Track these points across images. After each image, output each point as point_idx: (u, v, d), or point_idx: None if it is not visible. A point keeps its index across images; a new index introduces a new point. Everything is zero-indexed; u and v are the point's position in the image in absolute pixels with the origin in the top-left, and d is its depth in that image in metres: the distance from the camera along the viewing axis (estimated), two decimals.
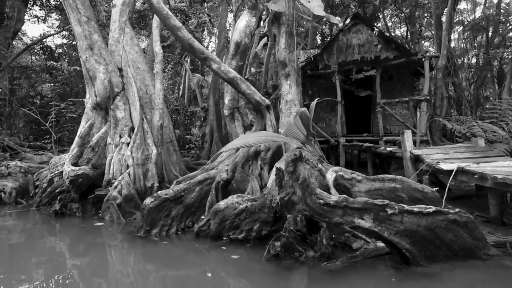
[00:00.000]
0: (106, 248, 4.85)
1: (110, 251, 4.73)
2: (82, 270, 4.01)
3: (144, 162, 6.88)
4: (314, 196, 3.37)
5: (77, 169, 6.35)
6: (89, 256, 4.52)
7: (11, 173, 8.07)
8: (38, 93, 20.48)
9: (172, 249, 4.66)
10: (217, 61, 5.55)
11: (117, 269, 4.12)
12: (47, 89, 21.51)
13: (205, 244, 4.67)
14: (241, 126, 6.43)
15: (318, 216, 3.40)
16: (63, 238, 5.42)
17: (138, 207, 6.14)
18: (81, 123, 7.18)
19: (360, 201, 3.35)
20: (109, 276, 3.91)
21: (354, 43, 13.19)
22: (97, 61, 6.90)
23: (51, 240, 5.34)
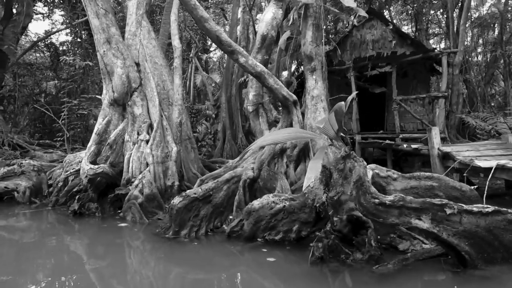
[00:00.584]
0: (134, 250, 4.63)
1: (139, 253, 4.51)
2: (110, 274, 3.79)
3: (164, 160, 6.65)
4: (369, 195, 3.15)
5: (96, 168, 6.12)
6: (117, 259, 4.30)
7: (24, 172, 7.84)
8: (43, 91, 20.25)
9: (203, 251, 4.44)
10: (244, 54, 5.31)
11: (148, 272, 3.90)
12: (51, 87, 21.29)
13: (237, 245, 4.45)
14: (266, 123, 6.20)
15: (372, 216, 3.18)
16: (86, 240, 5.19)
17: (160, 206, 5.93)
18: (98, 119, 6.95)
19: (417, 201, 3.13)
20: (141, 280, 3.70)
21: (368, 39, 12.94)
22: (114, 56, 6.66)
23: (73, 242, 5.12)
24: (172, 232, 4.66)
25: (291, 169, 6.07)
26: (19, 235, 5.44)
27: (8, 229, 5.82)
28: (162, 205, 5.89)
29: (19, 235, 5.45)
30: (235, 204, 5.32)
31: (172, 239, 4.66)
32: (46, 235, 5.46)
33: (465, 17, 11.59)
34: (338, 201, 3.37)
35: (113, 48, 6.65)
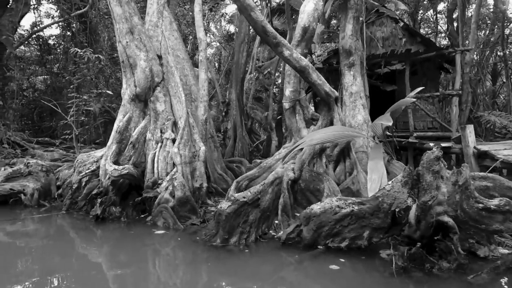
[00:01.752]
0: (180, 261, 4.20)
1: (187, 264, 4.08)
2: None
3: (191, 160, 6.22)
4: (472, 199, 2.87)
5: (121, 168, 5.63)
6: (164, 271, 3.88)
7: (31, 172, 7.23)
8: (31, 86, 19.25)
9: (257, 260, 4.07)
10: (289, 47, 4.95)
11: (204, 286, 3.52)
12: (40, 82, 20.26)
13: (294, 253, 4.10)
14: (303, 120, 5.86)
15: (474, 222, 2.90)
16: (119, 249, 4.72)
17: (193, 210, 5.50)
18: (118, 116, 6.44)
19: None
20: None
21: (378, 36, 12.78)
22: (137, 47, 6.16)
23: (103, 251, 4.64)
24: (221, 240, 4.26)
25: (330, 170, 5.76)
26: (38, 243, 4.91)
27: (22, 236, 5.26)
28: (195, 209, 5.47)
29: (37, 243, 4.92)
30: (280, 207, 4.96)
31: (220, 247, 4.26)
32: (69, 244, 4.95)
33: (477, 15, 11.59)
34: (429, 205, 3.07)
35: (136, 39, 6.15)
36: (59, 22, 13.72)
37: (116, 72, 19.69)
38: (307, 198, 5.43)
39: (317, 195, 5.30)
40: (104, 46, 19.95)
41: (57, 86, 18.91)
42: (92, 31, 18.59)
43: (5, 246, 4.78)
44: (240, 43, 12.19)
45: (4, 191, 6.95)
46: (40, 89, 19.80)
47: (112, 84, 18.19)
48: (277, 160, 6.08)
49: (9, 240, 5.12)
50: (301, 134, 5.85)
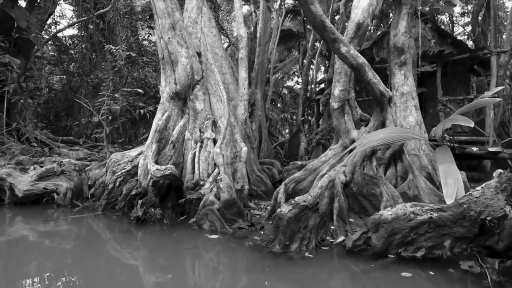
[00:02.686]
0: (239, 269, 3.93)
1: (248, 273, 3.79)
2: None
3: (232, 161, 5.99)
4: None
5: (163, 169, 5.41)
6: (225, 279, 3.63)
7: (64, 172, 7.06)
8: (47, 86, 19.27)
9: (322, 269, 3.80)
10: (346, 43, 4.71)
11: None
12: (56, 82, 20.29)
13: (360, 262, 3.83)
14: (352, 121, 5.61)
15: None
16: (165, 254, 4.47)
17: (240, 213, 5.26)
18: (157, 115, 6.23)
19: None
20: None
21: None
22: (179, 43, 5.95)
23: (149, 256, 4.40)
24: (282, 246, 4.01)
25: (380, 173, 5.48)
26: (78, 245, 4.70)
27: (61, 237, 5.07)
28: (242, 212, 5.23)
29: (77, 245, 4.71)
30: (335, 212, 4.71)
31: (278, 254, 4.01)
32: (111, 246, 4.74)
33: (511, 16, 11.23)
34: None
35: (177, 35, 5.95)
36: (80, 22, 13.58)
37: (132, 72, 19.63)
38: (359, 202, 5.17)
39: (371, 200, 5.04)
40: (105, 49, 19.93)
41: (75, 85, 18.91)
42: (110, 31, 18.57)
43: (46, 248, 4.58)
44: (265, 43, 11.98)
45: (38, 190, 6.79)
46: (56, 89, 19.84)
47: (130, 83, 18.14)
48: (323, 162, 5.83)
49: (49, 241, 4.92)
50: (350, 135, 5.60)
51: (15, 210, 6.61)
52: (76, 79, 18.98)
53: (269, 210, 5.35)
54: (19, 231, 5.53)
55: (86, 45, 18.11)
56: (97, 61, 18.98)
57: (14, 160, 8.30)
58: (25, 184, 6.82)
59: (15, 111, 9.40)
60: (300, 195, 5.75)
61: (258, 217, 5.48)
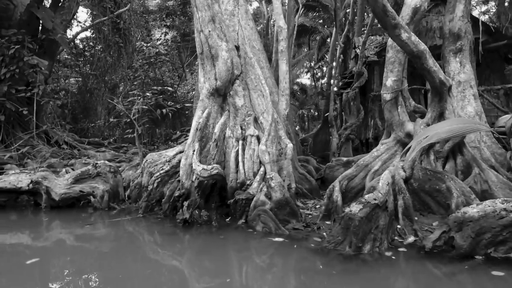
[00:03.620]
0: (312, 276, 3.64)
1: (328, 280, 3.52)
2: None
3: (278, 158, 5.72)
4: None
5: (210, 168, 5.17)
6: (301, 285, 3.36)
7: (99, 173, 6.88)
8: (63, 88, 19.28)
9: (402, 273, 3.51)
10: (407, 29, 4.38)
11: None
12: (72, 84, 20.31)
13: (442, 263, 3.52)
14: (405, 113, 5.29)
15: None
16: (225, 259, 4.22)
17: (293, 214, 4.99)
18: (196, 112, 5.99)
19: None
20: None
21: (435, 26, 12.04)
22: (219, 37, 5.69)
23: (208, 263, 4.14)
24: (354, 248, 3.72)
25: (439, 167, 5.15)
26: (125, 250, 4.47)
27: (106, 242, 4.88)
28: (295, 211, 4.95)
29: (124, 249, 4.49)
30: (400, 210, 4.40)
31: (349, 257, 3.72)
32: (162, 251, 4.47)
33: None
34: None
35: (217, 28, 5.69)
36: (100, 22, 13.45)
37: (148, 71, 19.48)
38: (421, 199, 4.85)
39: (436, 196, 4.71)
40: (136, 47, 19.85)
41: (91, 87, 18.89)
42: (126, 31, 18.47)
43: (92, 253, 4.37)
44: (289, 37, 11.66)
45: (74, 193, 6.63)
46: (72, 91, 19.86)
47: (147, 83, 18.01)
48: (374, 157, 5.52)
49: (95, 245, 4.72)
50: (405, 128, 5.27)
51: (52, 214, 6.46)
52: (92, 81, 18.96)
53: (322, 210, 5.06)
54: (61, 235, 5.35)
55: (102, 46, 18.03)
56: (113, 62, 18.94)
57: (45, 163, 8.18)
58: (62, 187, 6.66)
59: (42, 113, 9.29)
60: (353, 192, 5.48)
61: (310, 217, 5.21)
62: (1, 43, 7.68)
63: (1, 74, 7.77)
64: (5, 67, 7.82)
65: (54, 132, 9.30)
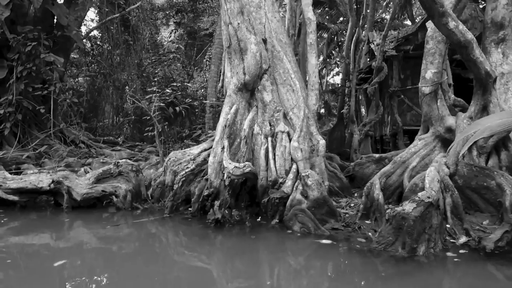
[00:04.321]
0: (365, 281, 3.43)
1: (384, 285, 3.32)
2: None
3: (310, 155, 5.51)
4: None
5: (243, 166, 4.95)
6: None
7: (121, 173, 6.69)
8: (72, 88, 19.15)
9: (464, 276, 3.30)
10: (455, 18, 4.15)
11: None
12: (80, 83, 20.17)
13: (504, 266, 3.32)
14: (446, 107, 5.06)
15: None
16: (268, 262, 4.02)
17: (332, 213, 4.77)
18: (224, 108, 5.78)
19: None
20: None
21: (468, 15, 11.74)
22: (248, 30, 5.47)
23: (249, 266, 3.94)
24: (408, 250, 3.50)
25: (481, 163, 4.91)
26: (160, 255, 4.25)
27: (130, 243, 4.69)
28: (334, 211, 4.74)
29: (159, 255, 4.26)
30: (449, 209, 4.17)
31: (402, 259, 3.51)
32: (196, 253, 4.28)
33: None
34: None
35: (246, 20, 5.48)
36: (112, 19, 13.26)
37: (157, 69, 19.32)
38: (466, 197, 4.61)
39: (484, 194, 4.48)
40: (145, 45, 19.67)
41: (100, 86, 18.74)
42: (134, 29, 18.29)
43: (123, 256, 4.19)
44: (305, 34, 11.42)
45: (97, 193, 6.44)
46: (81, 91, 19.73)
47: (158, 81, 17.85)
48: (412, 153, 5.29)
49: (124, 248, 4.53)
50: (445, 122, 5.03)
51: (74, 215, 6.27)
52: (100, 79, 18.81)
53: (361, 208, 4.84)
54: (86, 236, 5.18)
55: (111, 44, 17.86)
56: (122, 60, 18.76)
57: (63, 163, 8.01)
58: (83, 187, 6.47)
59: (57, 112, 9.13)
60: (390, 190, 5.25)
61: (347, 216, 4.99)
62: (18, 40, 7.51)
63: (18, 72, 7.61)
64: (21, 65, 7.65)
65: (69, 131, 9.14)
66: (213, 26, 21.48)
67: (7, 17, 7.40)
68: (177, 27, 19.23)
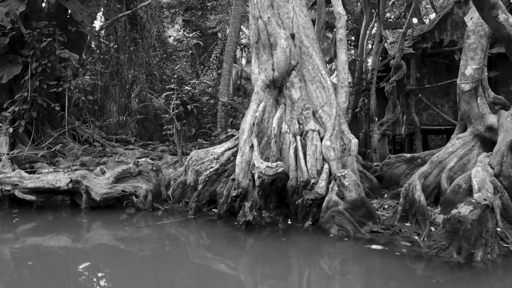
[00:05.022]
0: None
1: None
2: None
3: (341, 154, 5.30)
4: None
5: (275, 166, 4.75)
6: None
7: (141, 172, 6.48)
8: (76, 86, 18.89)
9: None
10: (505, 10, 3.94)
11: None
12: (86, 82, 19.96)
13: None
14: (486, 104, 4.85)
15: None
16: (311, 268, 3.81)
17: (369, 215, 4.55)
18: (251, 106, 5.58)
19: None
20: None
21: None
22: (277, 24, 5.27)
23: (293, 273, 3.74)
24: (465, 255, 3.29)
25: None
26: (193, 259, 4.06)
27: (158, 246, 4.48)
28: (372, 213, 4.53)
29: (192, 259, 4.08)
30: (498, 211, 3.96)
31: (457, 265, 3.30)
32: (230, 258, 4.06)
33: None
34: None
35: (276, 14, 5.28)
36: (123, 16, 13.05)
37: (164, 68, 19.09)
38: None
39: None
40: (153, 43, 19.44)
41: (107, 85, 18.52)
42: (142, 27, 18.07)
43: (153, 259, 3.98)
44: (320, 30, 11.20)
45: (116, 193, 6.23)
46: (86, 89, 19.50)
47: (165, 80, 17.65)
48: (449, 153, 5.08)
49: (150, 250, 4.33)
50: (486, 121, 4.82)
51: (93, 215, 6.07)
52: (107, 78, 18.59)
53: (399, 210, 4.63)
54: (108, 238, 4.98)
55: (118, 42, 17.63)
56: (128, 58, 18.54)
57: (77, 162, 7.81)
58: (102, 187, 6.27)
59: (70, 110, 8.91)
60: (428, 191, 5.03)
61: (384, 218, 4.78)
62: (33, 36, 7.30)
63: (33, 69, 7.40)
64: (36, 61, 7.45)
65: (82, 129, 8.93)
66: (221, 24, 21.27)
67: (21, 12, 7.19)
68: (185, 25, 19.01)
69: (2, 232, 5.60)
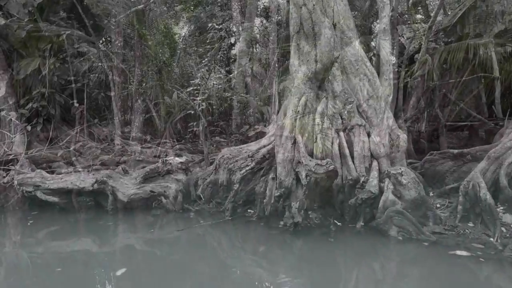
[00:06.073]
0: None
1: None
2: None
3: (389, 151, 4.98)
4: None
5: (326, 163, 4.42)
6: None
7: (170, 171, 6.14)
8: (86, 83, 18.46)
9: None
10: None
11: None
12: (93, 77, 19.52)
13: None
14: None
15: None
16: (391, 276, 3.50)
17: (426, 215, 4.24)
18: (292, 100, 5.25)
19: None
20: None
21: (497, 10, 11.18)
22: (322, 12, 4.95)
23: None
24: None
25: None
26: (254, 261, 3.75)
27: (205, 252, 4.20)
28: (433, 213, 4.20)
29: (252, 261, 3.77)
30: None
31: None
32: (287, 263, 3.78)
33: None
34: None
35: (319, 2, 4.94)
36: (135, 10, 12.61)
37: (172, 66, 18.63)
38: None
39: None
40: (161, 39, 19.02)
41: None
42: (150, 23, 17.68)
43: (200, 265, 3.66)
44: None
45: (145, 193, 5.88)
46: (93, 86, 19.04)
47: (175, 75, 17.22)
48: (507, 148, 4.76)
49: (193, 256, 4.02)
50: None
51: (121, 217, 5.76)
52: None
53: (460, 210, 4.31)
54: (144, 242, 4.68)
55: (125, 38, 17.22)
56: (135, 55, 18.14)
57: (98, 161, 7.46)
58: (129, 187, 5.92)
59: (87, 107, 8.55)
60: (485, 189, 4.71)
61: (442, 217, 4.46)
62: (50, 29, 6.95)
63: (50, 64, 7.05)
64: (53, 56, 7.09)
65: (99, 128, 8.59)
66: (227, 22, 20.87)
67: (39, 3, 6.83)
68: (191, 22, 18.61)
69: (25, 236, 5.29)
